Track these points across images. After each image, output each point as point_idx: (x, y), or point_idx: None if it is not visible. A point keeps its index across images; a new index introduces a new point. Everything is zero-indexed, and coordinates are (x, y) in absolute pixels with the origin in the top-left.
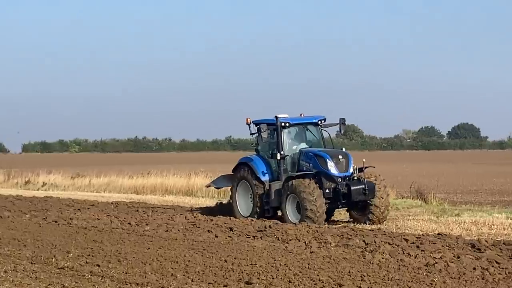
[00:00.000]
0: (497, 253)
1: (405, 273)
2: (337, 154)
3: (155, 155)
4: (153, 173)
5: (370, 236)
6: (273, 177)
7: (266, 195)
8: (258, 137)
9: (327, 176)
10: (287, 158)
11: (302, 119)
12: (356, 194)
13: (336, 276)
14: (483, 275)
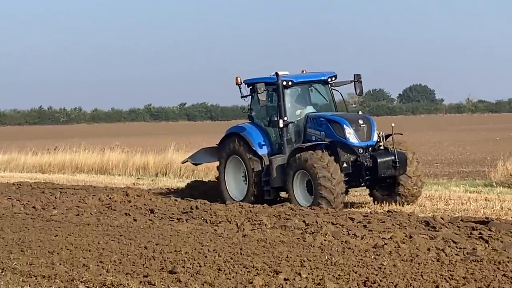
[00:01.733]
0: (454, 231)
1: (351, 257)
2: (356, 119)
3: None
4: (61, 149)
5: (311, 215)
6: (273, 150)
7: (265, 173)
8: (251, 100)
9: (345, 146)
10: (289, 126)
11: (308, 76)
12: (384, 168)
13: (273, 262)
14: (438, 256)
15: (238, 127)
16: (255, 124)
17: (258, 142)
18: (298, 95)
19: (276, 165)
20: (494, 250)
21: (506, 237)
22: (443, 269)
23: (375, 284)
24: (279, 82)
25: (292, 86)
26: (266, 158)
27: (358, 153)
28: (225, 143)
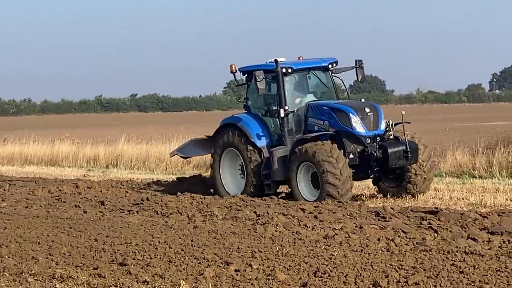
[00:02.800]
0: (404, 221)
1: (301, 247)
2: (362, 107)
3: (12, 119)
4: (10, 140)
5: (262, 206)
6: (272, 141)
7: (265, 166)
8: (247, 89)
9: (351, 136)
10: (289, 116)
11: (308, 62)
12: (396, 159)
13: (223, 253)
14: (388, 246)
15: (234, 117)
16: (252, 114)
17: (257, 133)
18: (298, 83)
19: (277, 158)
20: (443, 240)
21: (455, 227)
22: (392, 259)
23: (326, 274)
24: (278, 69)
25: (292, 73)
26: (266, 150)
27: (365, 143)
28: (220, 135)
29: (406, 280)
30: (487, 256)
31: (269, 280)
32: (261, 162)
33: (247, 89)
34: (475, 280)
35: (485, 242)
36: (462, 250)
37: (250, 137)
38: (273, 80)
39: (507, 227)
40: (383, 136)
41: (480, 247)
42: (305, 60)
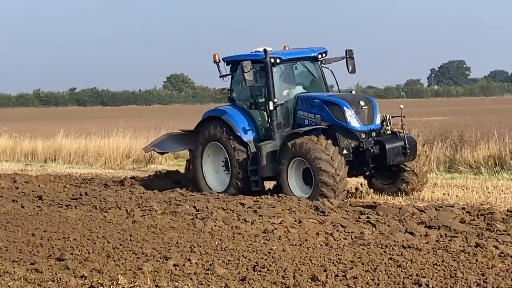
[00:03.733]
0: (342, 215)
1: (241, 242)
2: (357, 100)
3: None
4: None
5: (202, 201)
6: (259, 135)
7: (252, 162)
8: (231, 80)
9: (345, 131)
10: (277, 109)
11: (297, 52)
12: (393, 155)
13: (162, 248)
14: (326, 240)
15: (218, 110)
16: (237, 106)
17: (243, 127)
18: (285, 74)
19: (265, 153)
20: (381, 234)
21: (393, 221)
22: (331, 253)
23: (264, 269)
24: (267, 59)
25: (280, 64)
26: (253, 144)
27: (360, 138)
28: (203, 128)
29: (345, 274)
30: (424, 250)
31: (207, 275)
32: (247, 157)
33: (231, 80)
34: (413, 274)
35: (422, 236)
36: (400, 244)
37: (235, 130)
38: (261, 70)
39: (444, 221)
40: (379, 131)
41: (417, 241)
42: (293, 49)
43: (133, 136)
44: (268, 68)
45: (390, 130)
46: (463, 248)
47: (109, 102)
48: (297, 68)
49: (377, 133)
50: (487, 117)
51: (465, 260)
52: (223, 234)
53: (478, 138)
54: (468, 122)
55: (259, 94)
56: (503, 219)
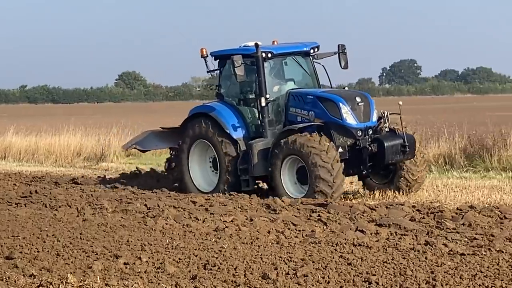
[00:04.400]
0: (294, 214)
1: (192, 240)
2: (353, 96)
3: None
4: None
5: (153, 199)
6: (249, 132)
7: (242, 160)
8: (220, 76)
9: (340, 128)
10: (268, 105)
11: (288, 47)
12: (392, 154)
13: (113, 247)
14: (278, 238)
15: (206, 106)
16: (225, 103)
17: (232, 124)
18: (276, 69)
19: (257, 151)
20: (332, 232)
21: (343, 219)
22: (282, 251)
23: (215, 267)
24: (258, 54)
25: (271, 58)
26: (242, 142)
27: (356, 136)
28: (189, 126)
29: (295, 272)
30: (374, 248)
31: (158, 273)
32: (237, 155)
33: (219, 76)
34: (363, 272)
35: (373, 234)
36: (350, 242)
37: (225, 128)
38: (252, 65)
39: (395, 219)
40: (376, 128)
41: (368, 239)
42: (284, 44)
43: (84, 134)
44: (260, 63)
45: (388, 127)
46: (413, 246)
47: (60, 99)
48: (287, 64)
49: (374, 131)
50: (438, 116)
51: (414, 258)
52: (174, 233)
53: (429, 136)
54: (419, 121)
55: (249, 90)
56: (452, 217)
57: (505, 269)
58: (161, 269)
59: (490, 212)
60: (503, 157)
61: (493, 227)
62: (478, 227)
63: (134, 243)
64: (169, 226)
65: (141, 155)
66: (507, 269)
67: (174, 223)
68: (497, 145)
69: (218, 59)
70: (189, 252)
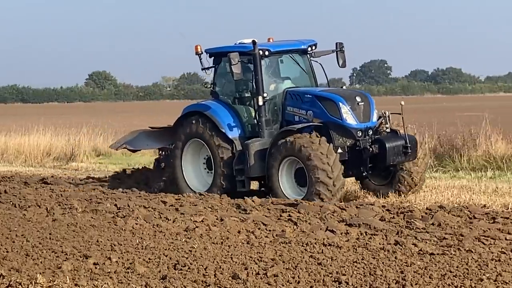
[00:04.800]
0: (264, 213)
1: (162, 240)
2: (353, 96)
3: None
4: None
5: (123, 199)
6: (245, 132)
7: (237, 160)
8: (215, 73)
9: (340, 128)
10: (265, 104)
11: (286, 44)
12: (394, 155)
13: (82, 247)
14: (248, 238)
15: (201, 104)
16: (220, 101)
17: (228, 123)
18: (272, 67)
19: (253, 151)
20: (302, 232)
21: (314, 219)
22: (252, 251)
23: (185, 267)
24: (256, 51)
25: (269, 56)
26: (238, 142)
27: (356, 136)
28: (183, 125)
29: (265, 272)
30: (344, 247)
31: (128, 273)
32: (232, 155)
33: (214, 74)
34: (333, 272)
35: (343, 234)
36: (321, 242)
37: (220, 127)
38: (248, 63)
39: (365, 219)
40: (377, 129)
41: (338, 239)
42: (281, 41)
43: (54, 134)
44: (257, 61)
45: (390, 127)
46: (383, 246)
47: (30, 99)
48: (283, 62)
49: (374, 131)
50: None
51: (384, 258)
52: (144, 233)
53: None
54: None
55: (245, 88)
56: (422, 217)
57: (474, 268)
58: (131, 269)
59: (459, 212)
60: (472, 157)
61: (463, 227)
62: (447, 227)
63: (104, 243)
64: (139, 226)
65: (111, 155)
66: (476, 269)
67: (144, 223)
68: (466, 145)
69: (213, 57)
70: (159, 252)
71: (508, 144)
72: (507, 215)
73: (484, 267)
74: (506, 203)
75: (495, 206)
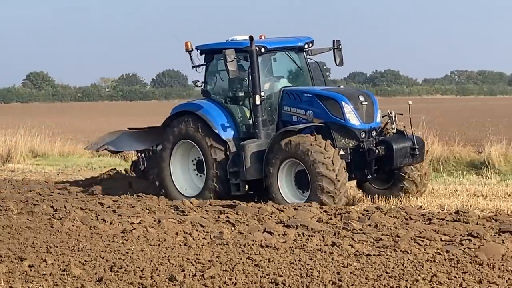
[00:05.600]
0: (202, 215)
1: (98, 242)
2: (356, 95)
3: None
4: None
5: (60, 200)
6: (239, 133)
7: (232, 163)
8: (206, 71)
9: (342, 129)
10: (262, 103)
11: (282, 41)
12: (401, 157)
13: (18, 249)
14: (185, 240)
15: (192, 104)
16: (212, 100)
17: (221, 124)
18: (268, 65)
19: (250, 153)
20: (240, 233)
21: (252, 221)
22: (190, 253)
23: (122, 269)
24: (253, 48)
25: (265, 53)
26: (232, 143)
27: (360, 137)
28: (172, 125)
29: (202, 273)
30: (282, 249)
31: (63, 276)
32: (226, 157)
33: (205, 72)
34: (270, 273)
35: (280, 235)
36: (258, 243)
37: (213, 128)
38: (244, 60)
39: (302, 221)
40: (381, 130)
41: (275, 240)
42: (276, 38)
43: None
44: (254, 58)
45: (396, 128)
46: (320, 247)
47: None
48: (276, 59)
49: (378, 132)
50: None
51: (321, 259)
52: (80, 234)
53: None
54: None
55: (239, 87)
56: (359, 218)
57: (409, 269)
58: (67, 271)
59: (396, 213)
60: None
61: (399, 228)
62: (384, 228)
63: (39, 245)
64: (75, 228)
65: (48, 156)
66: (411, 270)
67: (81, 224)
68: None
69: (205, 54)
70: (96, 254)
71: (444, 146)
72: (442, 216)
73: (419, 267)
74: (442, 204)
75: (431, 208)
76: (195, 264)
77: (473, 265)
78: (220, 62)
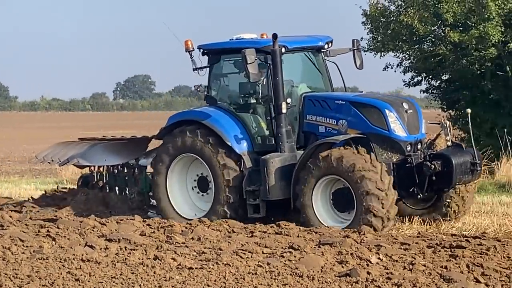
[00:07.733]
0: (22, 229)
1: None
2: (400, 102)
3: None
4: None
5: None
6: (253, 146)
7: (248, 180)
8: (209, 75)
9: (385, 141)
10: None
11: (302, 41)
12: (461, 173)
13: None
14: (4, 255)
15: (196, 112)
16: (220, 108)
17: (234, 135)
18: (288, 67)
19: (274, 169)
20: (60, 248)
21: (73, 234)
22: (8, 268)
23: None
24: (276, 47)
25: (285, 54)
26: (248, 157)
27: (406, 150)
28: (172, 136)
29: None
30: (103, 263)
31: None
32: (240, 174)
33: (209, 75)
34: (90, 287)
35: (102, 249)
36: (79, 258)
37: (225, 139)
38: (264, 62)
39: (125, 234)
40: (431, 142)
41: (97, 254)
42: (295, 37)
43: None
44: (278, 59)
45: (451, 141)
46: (142, 261)
47: None
48: (294, 61)
49: (427, 145)
50: None
51: (143, 273)
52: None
53: None
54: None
55: (252, 92)
56: (182, 232)
57: (231, 282)
58: None
59: (219, 226)
60: None
61: (221, 240)
62: (207, 241)
63: None
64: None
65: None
66: (233, 282)
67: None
68: None
69: (208, 55)
70: None
71: None
72: (265, 229)
73: (241, 280)
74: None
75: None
76: (14, 279)
77: (293, 277)
78: (226, 64)
